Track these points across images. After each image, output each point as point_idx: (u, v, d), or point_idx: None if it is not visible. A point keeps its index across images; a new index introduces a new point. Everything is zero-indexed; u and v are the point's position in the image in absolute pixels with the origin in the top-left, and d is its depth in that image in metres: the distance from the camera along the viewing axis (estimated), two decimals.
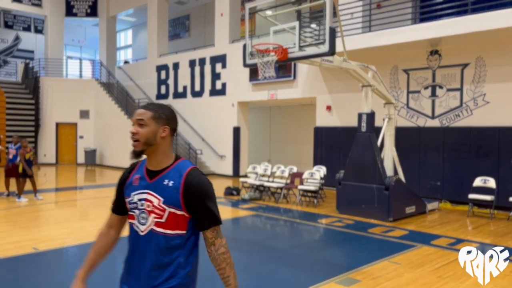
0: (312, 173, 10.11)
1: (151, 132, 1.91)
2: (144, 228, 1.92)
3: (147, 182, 1.95)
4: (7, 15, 23.56)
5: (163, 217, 1.88)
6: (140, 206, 1.94)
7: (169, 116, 1.96)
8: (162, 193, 1.88)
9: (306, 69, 13.43)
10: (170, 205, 1.86)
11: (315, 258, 6.20)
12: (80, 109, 20.86)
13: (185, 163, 1.98)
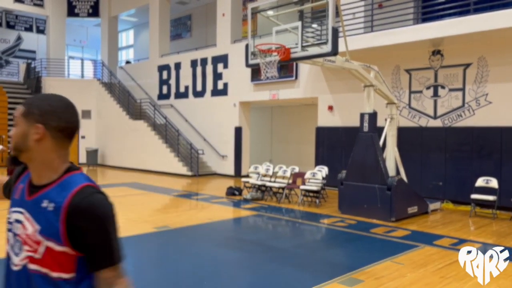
0: (314, 173, 10.10)
1: (19, 134, 1.38)
2: (17, 261, 1.38)
3: (25, 198, 1.41)
4: (9, 15, 23.60)
5: (37, 252, 1.33)
6: (15, 229, 1.41)
7: (45, 110, 1.38)
8: (39, 218, 1.34)
9: (308, 69, 13.43)
10: (47, 236, 1.32)
11: (317, 258, 6.20)
12: (82, 109, 20.87)
13: (76, 177, 1.39)
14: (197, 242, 6.99)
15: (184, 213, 9.74)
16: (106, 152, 20.24)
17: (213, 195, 11.77)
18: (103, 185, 11.49)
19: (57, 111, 1.42)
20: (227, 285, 5.17)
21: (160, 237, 7.22)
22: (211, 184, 14.64)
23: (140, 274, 5.48)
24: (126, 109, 19.34)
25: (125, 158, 19.10)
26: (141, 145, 18.23)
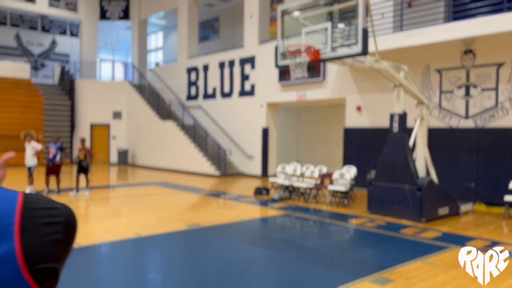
0: (342, 174, 10.11)
1: None
2: None
3: None
4: (44, 20, 24.49)
5: None
6: None
7: None
8: None
9: (336, 70, 13.42)
10: None
11: (347, 257, 6.24)
12: (113, 110, 21.47)
13: None
14: (227, 240, 7.14)
15: (213, 211, 9.92)
16: (136, 152, 20.73)
17: (241, 194, 11.91)
18: (133, 184, 11.92)
19: None
20: (258, 282, 5.28)
21: (192, 235, 7.40)
22: (238, 184, 14.80)
23: (174, 270, 5.66)
24: (156, 110, 19.76)
25: (155, 158, 19.51)
26: (170, 145, 18.59)
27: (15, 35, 23.75)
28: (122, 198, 11.81)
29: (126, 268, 5.69)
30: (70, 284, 4.86)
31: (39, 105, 20.27)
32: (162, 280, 5.27)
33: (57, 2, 22.36)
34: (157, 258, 6.33)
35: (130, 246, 6.64)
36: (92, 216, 9.23)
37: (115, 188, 14.15)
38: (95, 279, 5.20)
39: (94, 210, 9.85)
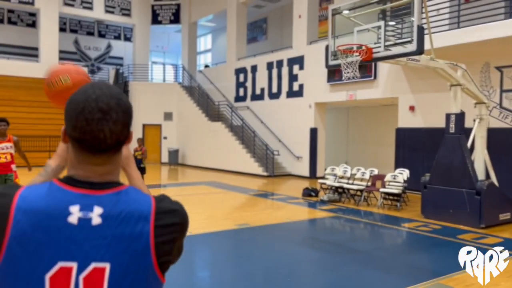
0: (395, 176, 9.82)
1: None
2: None
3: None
4: (101, 25, 25.68)
5: None
6: None
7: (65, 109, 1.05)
8: None
9: (388, 69, 13.06)
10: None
11: (400, 261, 6.05)
12: (164, 111, 22.13)
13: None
14: (276, 240, 7.14)
15: (261, 212, 9.96)
16: (186, 152, 21.24)
17: (289, 195, 11.88)
18: (184, 183, 12.20)
19: (67, 114, 1.02)
20: (308, 284, 5.24)
21: (241, 234, 7.47)
22: (286, 184, 14.78)
23: (224, 269, 5.74)
24: (205, 111, 20.15)
25: (204, 158, 19.90)
26: (219, 146, 18.88)
27: (74, 40, 25.07)
28: (173, 197, 12.05)
29: (177, 265, 5.84)
30: None
31: None
32: (212, 278, 5.36)
33: (112, 8, 23.38)
34: (208, 256, 6.44)
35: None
36: None
37: (166, 187, 14.56)
38: None
39: None
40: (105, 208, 0.97)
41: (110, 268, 0.95)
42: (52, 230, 0.93)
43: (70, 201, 0.97)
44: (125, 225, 0.97)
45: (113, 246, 0.95)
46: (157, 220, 1.01)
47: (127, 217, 0.98)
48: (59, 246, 0.93)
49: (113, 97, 1.03)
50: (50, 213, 0.94)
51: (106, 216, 0.97)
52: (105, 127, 0.99)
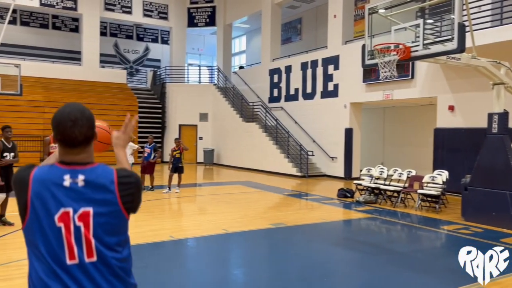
0: (433, 177, 9.60)
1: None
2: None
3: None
4: (139, 29, 26.41)
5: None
6: None
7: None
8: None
9: (426, 68, 12.77)
10: None
11: (440, 264, 5.92)
12: (199, 112, 22.50)
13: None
14: (312, 240, 7.15)
15: (296, 212, 9.98)
16: (221, 152, 21.51)
17: (324, 196, 11.83)
18: (219, 183, 12.38)
19: (53, 125, 1.65)
20: (345, 284, 5.23)
21: (276, 233, 7.53)
22: (320, 185, 14.71)
23: (259, 267, 5.81)
24: (240, 112, 20.34)
25: (238, 158, 20.09)
26: (253, 146, 19.01)
27: (114, 43, 25.91)
28: (209, 196, 12.33)
29: (215, 262, 5.96)
30: (166, 274, 5.23)
31: (134, 108, 21.91)
32: (247, 276, 5.44)
33: (150, 12, 24.00)
34: (244, 255, 6.53)
35: (219, 242, 6.93)
36: (183, 212, 9.78)
37: (202, 186, 14.82)
38: (187, 271, 5.52)
39: (185, 206, 10.42)
40: (85, 176, 1.58)
41: (93, 210, 1.56)
42: (55, 190, 1.54)
43: (63, 172, 1.57)
44: (99, 185, 1.58)
45: (93, 197, 1.56)
46: (119, 181, 1.61)
47: (100, 181, 1.58)
48: (60, 199, 1.54)
49: (79, 111, 1.65)
50: (53, 180, 1.56)
51: (87, 180, 1.57)
52: (75, 131, 1.60)
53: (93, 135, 1.67)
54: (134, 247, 5.92)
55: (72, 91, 21.00)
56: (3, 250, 5.91)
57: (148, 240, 6.60)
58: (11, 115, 18.43)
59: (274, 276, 5.26)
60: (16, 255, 5.61)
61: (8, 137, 7.10)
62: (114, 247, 1.61)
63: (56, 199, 1.54)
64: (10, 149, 7.10)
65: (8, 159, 7.03)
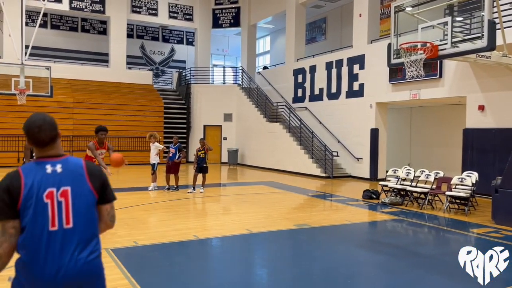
0: (462, 179, 9.35)
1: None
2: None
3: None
4: (165, 30, 26.79)
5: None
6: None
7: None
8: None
9: (454, 66, 12.45)
10: None
11: None
12: (224, 113, 22.63)
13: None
14: (336, 241, 7.08)
15: (320, 213, 9.90)
16: (245, 153, 21.57)
17: (349, 197, 11.70)
18: (243, 183, 12.39)
19: (24, 132, 2.18)
20: (370, 286, 5.15)
21: (300, 234, 7.49)
22: (345, 186, 14.55)
23: (283, 268, 5.79)
24: (264, 112, 20.35)
25: (262, 158, 20.10)
26: (277, 147, 18.99)
27: (140, 45, 26.36)
28: (233, 196, 12.39)
29: (238, 262, 5.98)
30: (191, 272, 5.27)
31: (160, 109, 22.23)
32: (271, 276, 5.43)
33: (176, 14, 24.31)
34: (267, 255, 6.52)
35: (243, 242, 6.95)
36: (207, 212, 9.85)
37: (226, 186, 14.89)
38: (212, 270, 5.56)
39: (209, 206, 10.50)
40: (62, 164, 2.13)
41: (70, 189, 2.10)
42: (41, 176, 2.06)
43: (45, 164, 2.11)
44: (73, 171, 2.14)
45: (70, 180, 2.11)
46: (87, 166, 2.20)
47: (74, 168, 2.16)
48: (46, 182, 2.06)
49: (42, 119, 2.14)
50: (38, 170, 2.08)
51: (64, 167, 2.13)
52: (42, 134, 2.12)
53: (56, 135, 2.18)
54: (159, 246, 5.97)
55: (100, 92, 21.49)
56: None
57: (173, 239, 6.68)
58: None
59: (298, 277, 5.23)
60: None
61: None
62: (86, 216, 2.14)
63: (43, 182, 2.07)
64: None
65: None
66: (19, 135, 18.54)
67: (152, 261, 5.68)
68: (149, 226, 7.78)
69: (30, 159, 7.17)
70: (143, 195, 11.37)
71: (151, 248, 6.23)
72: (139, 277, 4.88)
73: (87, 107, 20.50)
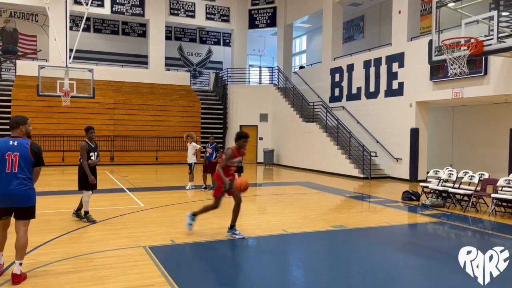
0: (509, 181, 8.90)
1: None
2: None
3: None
4: (202, 32, 27.16)
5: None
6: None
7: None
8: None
9: (500, 63, 11.87)
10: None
11: None
12: (260, 113, 22.67)
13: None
14: (374, 243, 6.91)
15: (358, 214, 9.70)
16: (281, 153, 21.51)
17: (387, 198, 11.41)
18: (278, 183, 12.34)
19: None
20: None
21: (337, 236, 7.37)
22: (384, 187, 14.21)
23: (319, 270, 5.71)
24: (300, 112, 20.22)
25: (298, 158, 19.97)
26: (313, 147, 18.81)
27: (178, 47, 26.85)
28: (269, 196, 12.37)
29: (274, 262, 5.94)
30: (226, 271, 5.29)
31: (197, 109, 22.56)
32: (307, 277, 5.36)
33: (212, 15, 24.60)
34: (304, 256, 6.45)
35: (279, 242, 6.91)
36: (243, 211, 9.84)
37: (262, 186, 14.89)
38: (249, 269, 5.55)
39: (244, 206, 10.48)
40: (18, 141, 4.68)
41: (19, 153, 4.62)
42: (6, 146, 4.63)
43: (9, 140, 4.69)
44: (22, 145, 4.66)
45: (19, 148, 4.63)
46: (31, 144, 4.71)
47: (22, 144, 4.68)
48: (7, 148, 4.62)
49: (16, 119, 4.83)
50: (6, 143, 4.66)
51: (18, 142, 4.67)
52: (14, 125, 4.81)
53: (16, 127, 4.76)
54: (196, 245, 6.02)
55: (139, 94, 22.06)
56: (74, 244, 6.31)
57: (209, 238, 6.74)
58: (84, 117, 19.72)
59: (334, 280, 5.14)
60: (86, 249, 5.97)
61: (91, 138, 7.66)
62: (26, 168, 4.63)
63: (5, 148, 4.59)
64: (94, 149, 7.65)
65: (94, 160, 7.58)
66: (64, 135, 19.33)
67: (189, 259, 5.74)
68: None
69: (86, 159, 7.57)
70: (180, 194, 11.55)
71: (187, 246, 6.31)
72: (175, 275, 4.95)
73: (127, 108, 21.09)
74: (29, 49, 23.15)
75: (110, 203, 9.58)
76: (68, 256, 5.58)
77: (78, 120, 19.50)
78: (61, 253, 5.73)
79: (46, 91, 15.90)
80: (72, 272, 4.99)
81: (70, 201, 9.76)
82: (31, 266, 5.10)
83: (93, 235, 6.81)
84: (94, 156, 7.60)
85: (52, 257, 5.53)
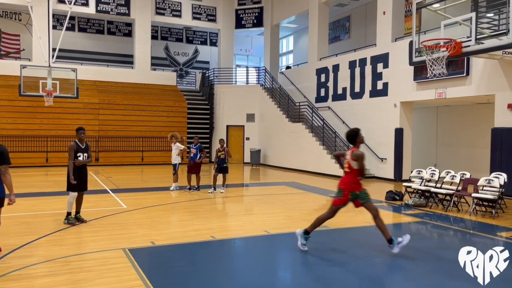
0: (490, 180, 9.01)
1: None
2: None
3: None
4: (188, 31, 27.03)
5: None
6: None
7: None
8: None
9: (482, 64, 12.02)
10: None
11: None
12: (246, 113, 22.65)
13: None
14: (357, 244, 6.94)
15: (342, 214, 9.66)
16: (268, 153, 21.52)
17: (372, 198, 11.42)
18: (265, 183, 12.28)
19: None
20: None
21: (321, 237, 7.36)
22: (369, 187, 14.20)
23: (301, 271, 5.70)
24: (286, 112, 20.24)
25: (285, 158, 20.00)
26: (299, 147, 18.84)
27: (164, 47, 26.69)
28: (254, 196, 12.35)
29: (257, 263, 5.92)
30: (206, 273, 5.25)
31: (183, 109, 22.45)
32: (285, 280, 5.35)
33: (199, 15, 24.50)
34: (286, 257, 6.44)
35: (260, 244, 6.89)
36: (227, 212, 9.84)
37: (248, 186, 14.87)
38: (228, 271, 5.52)
39: (229, 206, 10.49)
40: None
41: None
42: None
43: None
44: None
45: None
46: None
47: None
48: None
49: None
50: None
51: None
52: None
53: None
54: (176, 246, 5.97)
55: (125, 94, 21.87)
56: (52, 247, 6.21)
57: (191, 240, 6.69)
58: (69, 117, 19.49)
59: (317, 281, 5.14)
60: (63, 252, 5.88)
61: (81, 138, 7.52)
62: None
63: None
64: (84, 150, 7.52)
65: (82, 160, 7.43)
66: (48, 135, 19.07)
67: (168, 261, 5.70)
68: (167, 226, 7.82)
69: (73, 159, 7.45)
70: (164, 195, 11.47)
71: (168, 248, 6.25)
72: (153, 277, 4.90)
73: (113, 108, 20.89)
74: (12, 48, 22.79)
75: (92, 204, 9.47)
76: (44, 260, 5.48)
77: (62, 121, 19.27)
78: (37, 256, 5.63)
79: (28, 91, 15.65)
80: (48, 275, 4.91)
81: (51, 202, 9.63)
82: (5, 270, 5.01)
83: (72, 238, 6.72)
84: (82, 157, 7.48)
85: (28, 260, 5.44)
